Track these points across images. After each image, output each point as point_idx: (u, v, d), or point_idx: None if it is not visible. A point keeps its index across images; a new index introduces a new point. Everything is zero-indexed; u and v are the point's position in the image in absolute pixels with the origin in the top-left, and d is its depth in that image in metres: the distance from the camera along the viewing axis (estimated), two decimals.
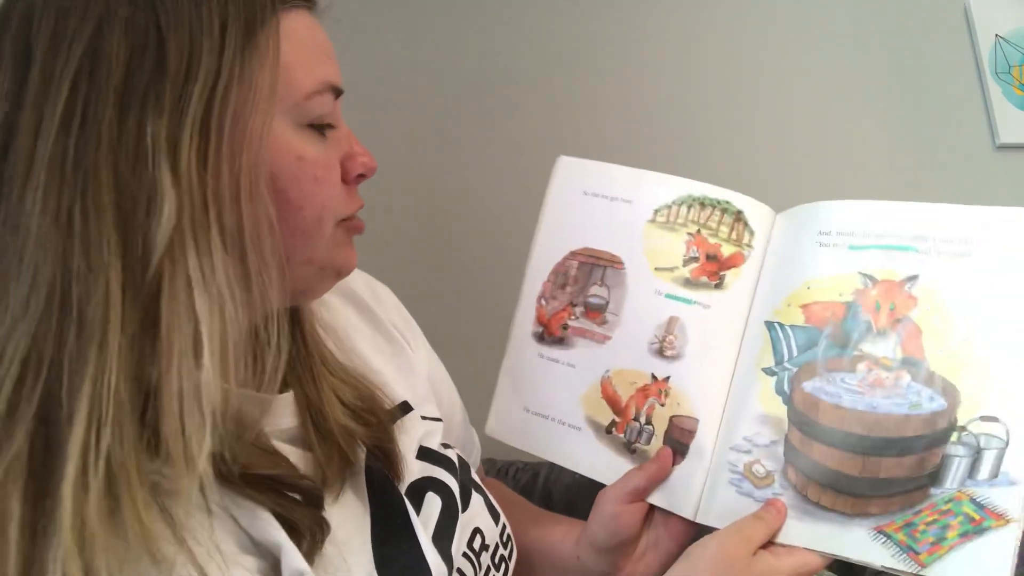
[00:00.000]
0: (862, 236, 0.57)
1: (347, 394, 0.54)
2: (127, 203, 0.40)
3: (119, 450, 0.38)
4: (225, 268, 0.42)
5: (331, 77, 0.48)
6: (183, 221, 0.40)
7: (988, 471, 0.50)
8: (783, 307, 0.60)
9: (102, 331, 0.38)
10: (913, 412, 0.53)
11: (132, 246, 0.40)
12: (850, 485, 0.54)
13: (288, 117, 0.45)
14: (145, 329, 0.40)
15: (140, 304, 0.40)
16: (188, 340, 0.40)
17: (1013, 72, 1.29)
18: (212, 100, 0.41)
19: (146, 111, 0.40)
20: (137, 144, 0.40)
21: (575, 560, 0.64)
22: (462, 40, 1.36)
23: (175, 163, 0.40)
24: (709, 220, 0.64)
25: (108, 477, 0.38)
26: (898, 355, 0.54)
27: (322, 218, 0.48)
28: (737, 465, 0.59)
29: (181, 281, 0.40)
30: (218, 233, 0.42)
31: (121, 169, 0.40)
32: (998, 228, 0.53)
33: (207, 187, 0.41)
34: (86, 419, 0.38)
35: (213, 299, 0.41)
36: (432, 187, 1.35)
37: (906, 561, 0.50)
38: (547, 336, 0.68)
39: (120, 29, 0.40)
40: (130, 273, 0.40)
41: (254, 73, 0.43)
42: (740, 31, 1.34)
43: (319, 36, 0.48)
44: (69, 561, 0.36)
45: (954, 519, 0.50)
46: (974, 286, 0.53)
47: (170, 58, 0.40)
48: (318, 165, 0.47)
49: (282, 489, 0.45)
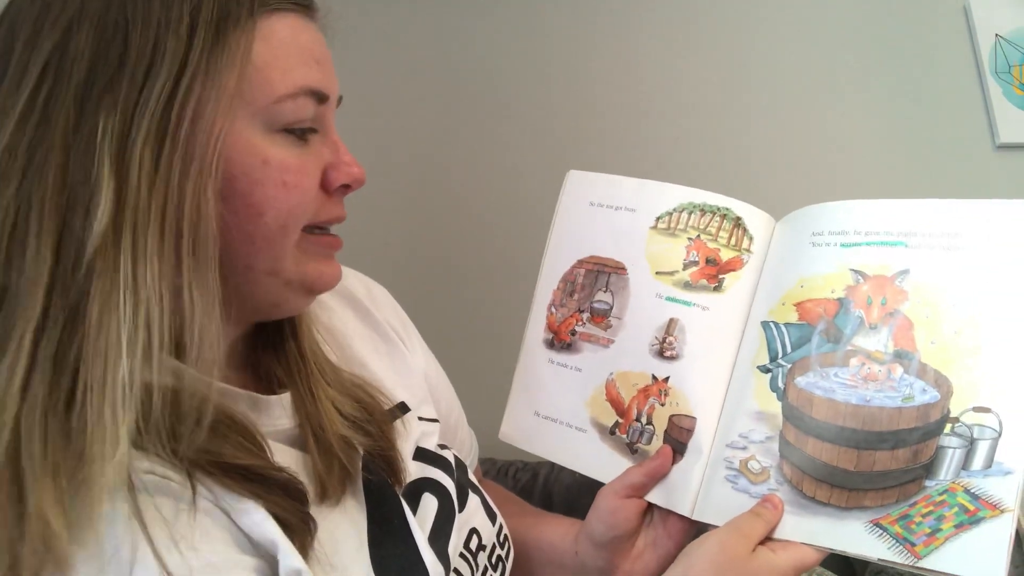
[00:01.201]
0: (853, 234, 0.58)
1: (346, 405, 0.54)
2: (69, 200, 0.40)
3: (28, 446, 0.38)
4: (157, 271, 0.41)
5: (312, 82, 0.47)
6: (122, 219, 0.40)
7: (982, 461, 0.49)
8: (778, 307, 0.61)
9: (22, 328, 0.39)
10: (906, 405, 0.53)
11: (66, 244, 0.40)
12: (845, 479, 0.54)
13: (257, 119, 0.45)
14: (71, 329, 0.40)
15: (69, 303, 0.40)
16: (113, 339, 0.40)
17: (1013, 72, 1.28)
18: (172, 99, 0.41)
19: (101, 108, 0.41)
20: (88, 140, 0.40)
21: (573, 556, 0.64)
22: (472, 48, 1.41)
23: (121, 161, 0.40)
24: (709, 226, 0.66)
25: (14, 472, 0.38)
26: (890, 348, 0.54)
27: (286, 225, 0.47)
28: (733, 462, 0.59)
29: (111, 282, 0.40)
30: (157, 234, 0.41)
31: (70, 165, 0.40)
32: (987, 221, 0.53)
33: (155, 188, 0.41)
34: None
35: (140, 302, 0.41)
36: (437, 194, 1.39)
37: (902, 553, 0.50)
38: (557, 342, 0.71)
39: (89, 26, 0.41)
40: (61, 270, 0.40)
41: (220, 74, 0.43)
42: (740, 32, 1.36)
43: (305, 40, 0.47)
44: None
45: (949, 510, 0.49)
46: (964, 278, 0.53)
47: (131, 56, 0.41)
48: (288, 170, 0.46)
49: (260, 480, 0.45)
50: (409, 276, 1.32)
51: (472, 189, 1.39)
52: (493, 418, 0.74)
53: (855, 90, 1.31)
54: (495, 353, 0.73)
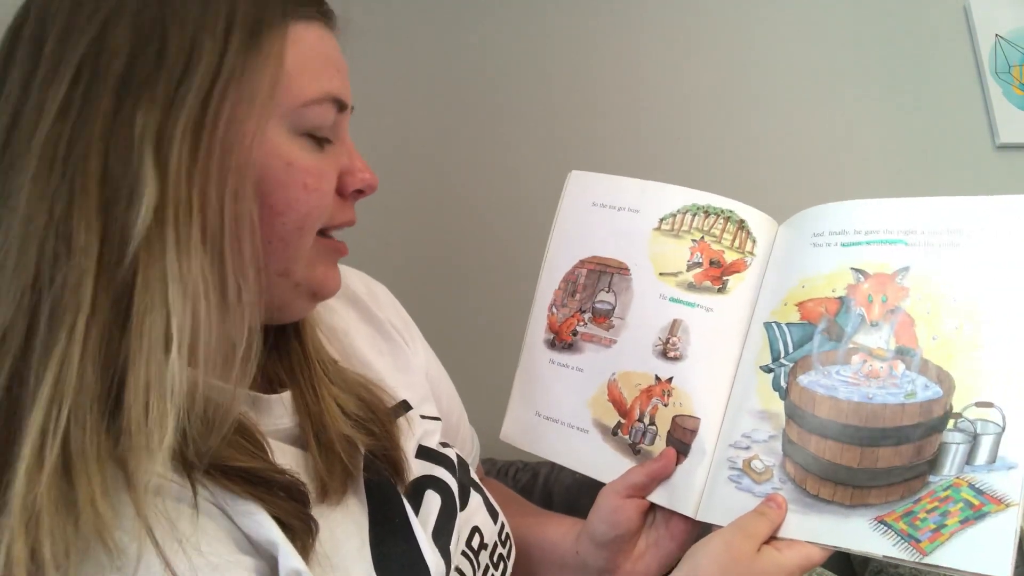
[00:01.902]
0: (853, 233, 0.59)
1: (349, 404, 0.55)
2: (111, 192, 0.41)
3: (79, 434, 0.39)
4: (202, 265, 0.42)
5: (335, 90, 0.48)
6: (165, 214, 0.41)
7: (985, 456, 0.49)
8: (780, 307, 0.61)
9: (73, 315, 0.39)
10: (908, 401, 0.53)
11: (111, 235, 0.41)
12: (848, 476, 0.54)
13: (284, 122, 0.46)
14: (117, 319, 0.40)
15: (114, 293, 0.40)
16: (159, 332, 0.40)
17: (1013, 72, 1.29)
18: (209, 98, 0.42)
19: (140, 103, 0.41)
20: (127, 135, 0.41)
21: (574, 555, 0.64)
22: (474, 49, 1.42)
23: (161, 156, 0.41)
24: (713, 228, 0.66)
25: (64, 459, 0.38)
26: (892, 345, 0.54)
27: (303, 227, 0.47)
28: (736, 461, 0.59)
29: (156, 273, 0.41)
30: (199, 230, 0.42)
31: (110, 158, 0.41)
32: (987, 217, 0.53)
33: (194, 183, 0.42)
34: (47, 400, 0.38)
35: (187, 294, 0.41)
36: (439, 194, 1.39)
37: (907, 550, 0.49)
38: (558, 342, 0.71)
39: (127, 22, 0.42)
40: (106, 261, 0.40)
41: (255, 76, 0.44)
42: (739, 32, 1.37)
43: (329, 49, 0.49)
44: (14, 542, 0.36)
45: (954, 505, 0.49)
46: (965, 274, 0.53)
47: (169, 53, 0.42)
48: (309, 173, 0.47)
49: (262, 483, 0.45)
50: (411, 276, 1.32)
51: (473, 189, 1.39)
52: (494, 418, 0.73)
53: (855, 90, 1.32)
54: (496, 353, 0.73)
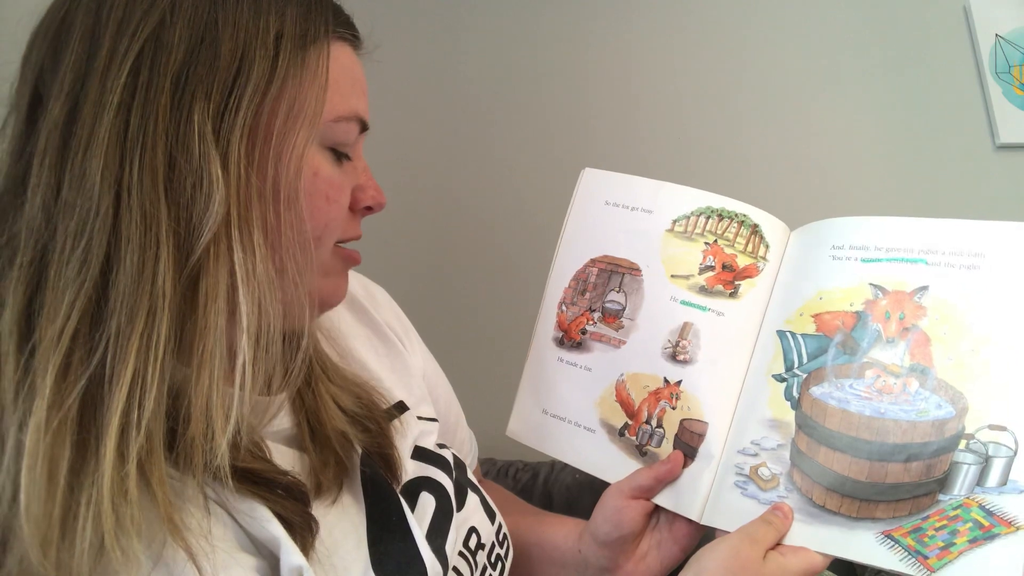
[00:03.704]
0: (874, 249, 0.59)
1: (346, 401, 0.55)
2: (177, 183, 0.42)
3: (154, 418, 0.40)
4: (266, 265, 0.44)
5: (362, 110, 0.50)
6: (231, 212, 0.42)
7: (997, 479, 0.50)
8: (795, 317, 0.61)
9: (152, 300, 0.40)
10: (920, 418, 0.54)
11: (180, 226, 0.42)
12: (855, 489, 0.55)
13: (315, 133, 0.47)
14: (185, 307, 0.42)
15: (182, 284, 0.41)
16: (223, 329, 0.42)
17: (1013, 72, 1.29)
18: (263, 105, 0.44)
19: (196, 101, 0.42)
20: (188, 130, 0.42)
21: (576, 554, 0.65)
22: (479, 46, 1.40)
23: (224, 155, 0.42)
24: (726, 232, 0.66)
25: (142, 442, 0.40)
26: (906, 362, 0.55)
27: (322, 236, 0.49)
28: (743, 468, 0.60)
29: (225, 269, 0.42)
30: (261, 231, 0.44)
31: (173, 150, 0.42)
32: (1008, 242, 0.54)
33: (253, 186, 0.43)
34: (129, 382, 0.39)
35: (253, 292, 0.43)
36: (440, 194, 1.38)
37: (915, 565, 0.51)
38: (567, 341, 0.70)
39: (182, 22, 0.43)
40: (179, 250, 0.41)
41: (303, 87, 0.45)
42: (739, 32, 1.36)
43: (358, 70, 0.51)
44: (103, 513, 0.38)
45: (963, 525, 0.50)
46: (983, 298, 0.54)
47: (223, 56, 0.43)
48: (331, 186, 0.49)
49: (264, 483, 0.46)
50: (413, 276, 1.32)
51: (476, 189, 1.38)
52: (495, 418, 0.73)
53: (854, 90, 1.33)
54: (497, 353, 0.73)
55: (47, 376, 0.39)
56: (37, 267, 0.41)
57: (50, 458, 0.38)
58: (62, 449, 0.39)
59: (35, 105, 0.43)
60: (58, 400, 0.39)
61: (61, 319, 0.39)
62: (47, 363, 0.39)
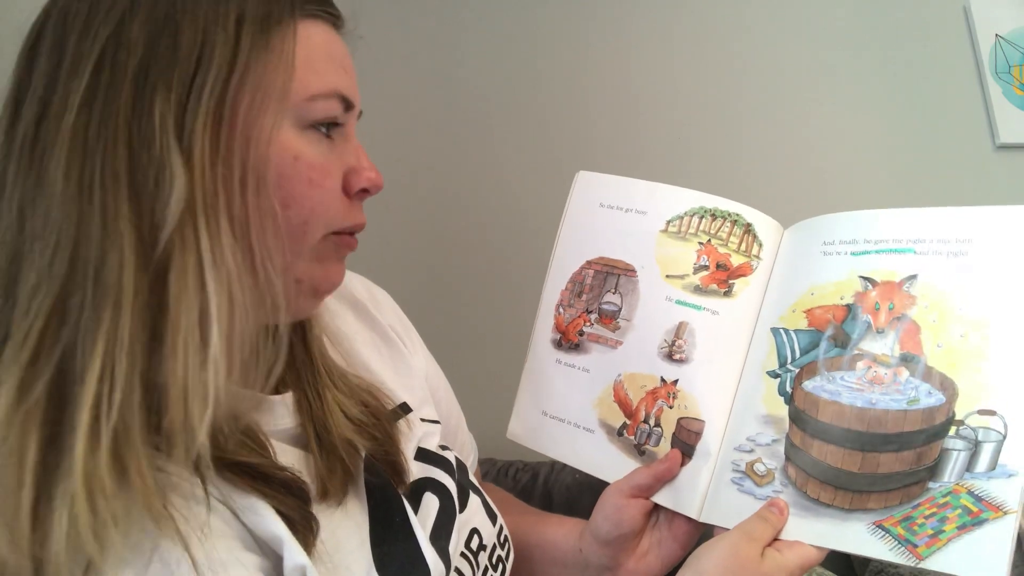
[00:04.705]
0: (863, 242, 0.59)
1: (352, 408, 0.55)
2: (140, 177, 0.42)
3: (128, 408, 0.40)
4: (233, 253, 0.43)
5: (341, 87, 0.49)
6: (195, 201, 0.42)
7: (986, 463, 0.49)
8: (788, 314, 0.62)
9: (116, 294, 0.41)
10: (911, 407, 0.53)
11: (144, 219, 0.42)
12: (849, 481, 0.54)
13: (291, 116, 0.47)
14: (154, 300, 0.42)
15: (150, 276, 0.42)
16: (194, 317, 0.42)
17: (1013, 72, 1.28)
18: (226, 91, 0.44)
19: (156, 93, 0.43)
20: (149, 124, 0.42)
21: (577, 554, 0.65)
22: (476, 47, 1.42)
23: (186, 145, 0.43)
24: (720, 231, 0.67)
25: (116, 431, 0.40)
26: (896, 352, 0.55)
27: (307, 221, 0.48)
28: (740, 464, 0.60)
29: (192, 259, 0.42)
30: (227, 219, 0.43)
31: (135, 146, 0.42)
32: (994, 227, 0.54)
33: (217, 174, 0.43)
34: (98, 375, 0.40)
35: (222, 280, 0.42)
36: (440, 196, 1.40)
37: (904, 554, 0.50)
38: (565, 343, 0.72)
39: (141, 18, 0.44)
40: (143, 244, 0.42)
41: (267, 70, 0.45)
42: (738, 32, 1.37)
43: (336, 48, 0.50)
44: (77, 504, 0.38)
45: (952, 511, 0.49)
46: (971, 283, 0.53)
47: (182, 47, 0.43)
48: (314, 168, 0.47)
49: (262, 478, 0.46)
50: (412, 277, 1.33)
51: (474, 190, 1.40)
52: (495, 418, 0.74)
53: (854, 90, 1.32)
54: (496, 354, 0.74)
55: (13, 370, 0.40)
56: (14, 269, 0.42)
57: (17, 449, 0.39)
58: (28, 441, 0.39)
59: (14, 116, 0.45)
60: (23, 394, 0.40)
61: (30, 317, 0.41)
62: (14, 359, 0.40)
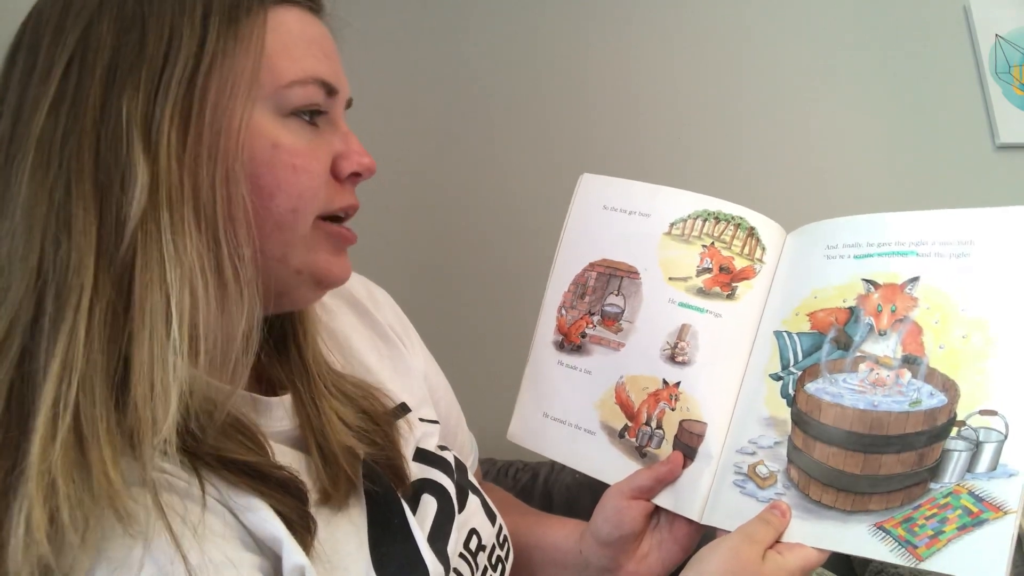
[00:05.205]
0: (866, 246, 0.59)
1: (350, 415, 0.55)
2: (105, 177, 0.42)
3: (89, 406, 0.40)
4: (198, 246, 0.43)
5: (321, 72, 0.48)
6: (158, 196, 0.42)
7: (987, 464, 0.49)
8: (791, 317, 0.62)
9: (77, 295, 0.41)
10: (913, 409, 0.53)
11: (108, 218, 0.42)
12: (851, 483, 0.54)
13: (268, 104, 0.47)
14: (120, 298, 0.42)
15: (115, 273, 0.42)
16: (160, 310, 0.42)
17: (1013, 72, 1.29)
18: (193, 84, 0.44)
19: (125, 91, 0.43)
20: (117, 122, 0.43)
21: (577, 555, 0.65)
22: (478, 48, 1.43)
23: (150, 141, 0.43)
24: (723, 234, 0.67)
25: (76, 430, 0.40)
26: (898, 354, 0.55)
27: (297, 209, 0.47)
28: (742, 467, 0.60)
29: (154, 254, 0.42)
30: (193, 212, 0.43)
31: (101, 146, 0.42)
32: (995, 228, 0.54)
33: (184, 167, 0.43)
34: (57, 375, 0.40)
35: (184, 274, 0.42)
36: (442, 197, 1.41)
37: (904, 555, 0.50)
38: (566, 344, 0.72)
39: (109, 18, 0.44)
40: (106, 243, 0.42)
41: (236, 60, 0.45)
42: (738, 34, 1.37)
43: (314, 34, 0.50)
44: (33, 508, 0.38)
45: (952, 512, 0.49)
46: (973, 284, 0.54)
47: (149, 42, 0.43)
48: (297, 154, 0.47)
49: (260, 477, 0.46)
50: (413, 277, 1.34)
51: (476, 192, 1.41)
52: (495, 419, 0.74)
53: (854, 90, 1.33)
54: (497, 354, 0.74)
55: None
56: None
57: None
58: None
59: None
60: None
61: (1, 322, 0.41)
62: None
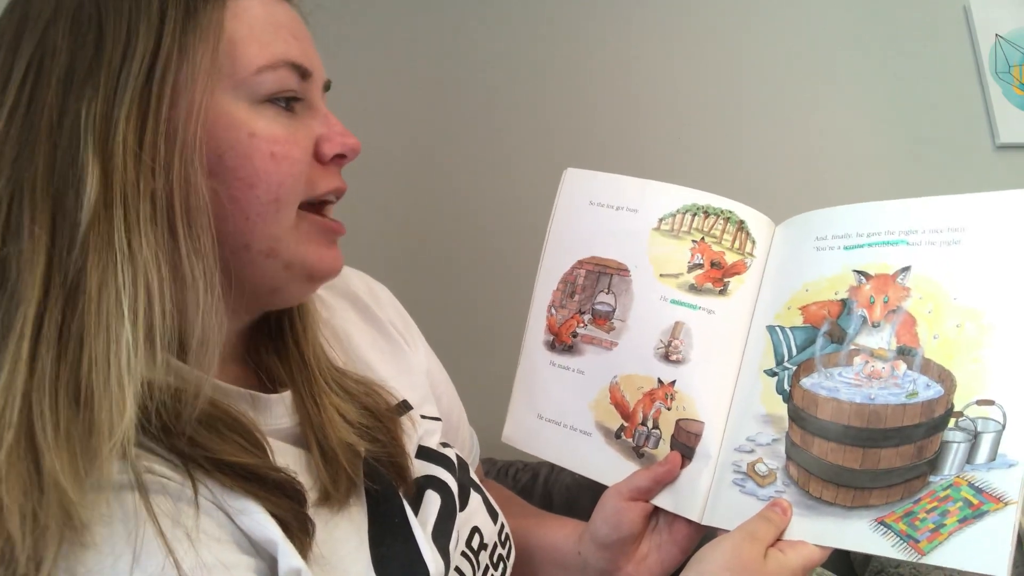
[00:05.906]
0: (855, 236, 0.59)
1: (351, 412, 0.54)
2: (60, 184, 0.42)
3: (38, 415, 0.39)
4: (154, 243, 0.43)
5: (291, 56, 0.47)
6: (111, 197, 0.42)
7: (986, 454, 0.49)
8: (784, 311, 0.61)
9: (26, 306, 0.40)
10: (910, 401, 0.53)
11: (62, 225, 0.42)
12: (850, 478, 0.54)
13: (239, 93, 0.46)
14: (72, 303, 0.41)
15: (67, 279, 0.41)
16: (112, 309, 0.41)
17: (1013, 72, 1.29)
18: (151, 78, 0.43)
19: (83, 95, 0.42)
20: (72, 127, 0.42)
21: (576, 556, 0.64)
22: (470, 45, 1.42)
23: (104, 142, 0.42)
24: (713, 229, 0.66)
25: (28, 440, 0.39)
26: (893, 345, 0.54)
27: (279, 198, 0.47)
28: (741, 465, 0.59)
29: (108, 254, 0.41)
30: (149, 208, 0.43)
31: (57, 152, 0.42)
32: (986, 214, 0.54)
33: (141, 164, 0.42)
34: (4, 387, 0.39)
35: (137, 271, 0.42)
36: (436, 193, 1.40)
37: (906, 550, 0.49)
38: (558, 344, 0.71)
39: (65, 21, 0.43)
40: (57, 250, 0.41)
41: (195, 51, 0.44)
42: (738, 32, 1.37)
43: (281, 17, 0.48)
44: None
45: (953, 505, 0.49)
46: (965, 271, 0.53)
47: (107, 44, 0.43)
48: (275, 141, 0.46)
49: (256, 479, 0.45)
50: (407, 275, 1.32)
51: (470, 188, 1.40)
52: (494, 419, 0.73)
53: (855, 90, 1.33)
54: (496, 353, 0.73)
55: None
56: None
57: None
58: None
59: None
60: None
61: None
62: None
